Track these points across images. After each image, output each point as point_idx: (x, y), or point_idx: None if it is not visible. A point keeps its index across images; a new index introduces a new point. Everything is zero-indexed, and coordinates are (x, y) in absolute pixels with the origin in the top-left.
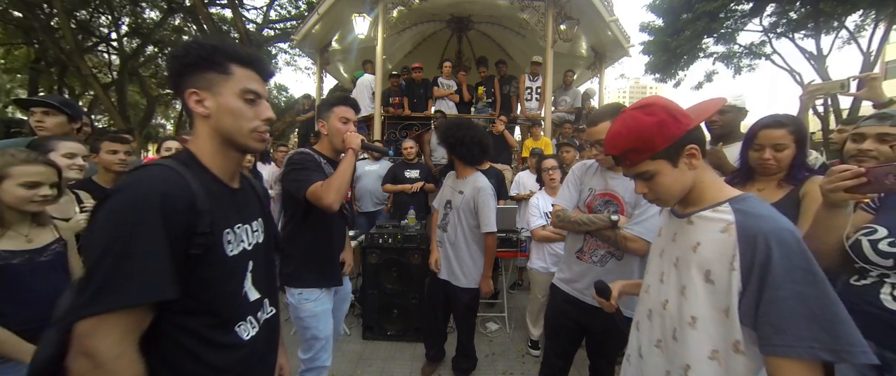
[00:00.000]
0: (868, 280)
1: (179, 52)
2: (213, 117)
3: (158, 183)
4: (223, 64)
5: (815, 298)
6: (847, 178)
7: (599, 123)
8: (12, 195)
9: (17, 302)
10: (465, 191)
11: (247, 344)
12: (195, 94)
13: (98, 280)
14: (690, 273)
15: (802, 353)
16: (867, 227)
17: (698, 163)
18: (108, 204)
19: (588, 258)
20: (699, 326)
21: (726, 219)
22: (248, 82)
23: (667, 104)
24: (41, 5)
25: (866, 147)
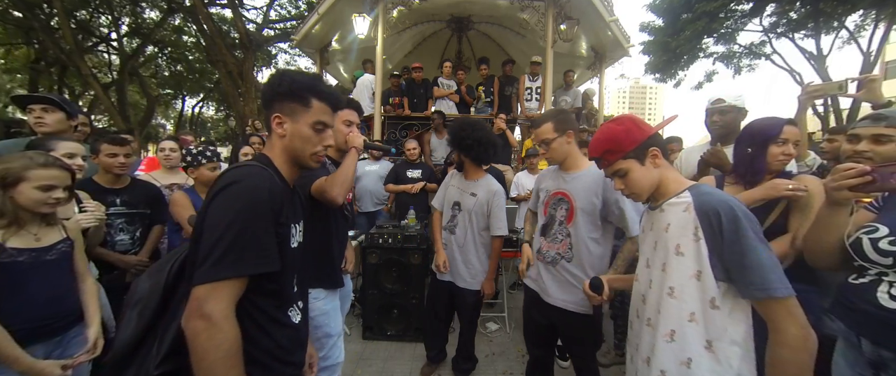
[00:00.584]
0: (866, 278)
1: (276, 81)
2: (287, 138)
3: (265, 179)
4: (306, 98)
5: (750, 253)
6: (852, 177)
7: (543, 125)
8: (28, 197)
9: (20, 299)
10: (478, 194)
11: (296, 326)
12: (279, 118)
13: (218, 253)
14: (666, 250)
15: (747, 295)
16: (869, 226)
17: (661, 162)
18: (227, 191)
19: (542, 258)
20: (676, 294)
21: (686, 201)
22: (321, 115)
23: (633, 117)
24: (41, 5)
25: (862, 148)
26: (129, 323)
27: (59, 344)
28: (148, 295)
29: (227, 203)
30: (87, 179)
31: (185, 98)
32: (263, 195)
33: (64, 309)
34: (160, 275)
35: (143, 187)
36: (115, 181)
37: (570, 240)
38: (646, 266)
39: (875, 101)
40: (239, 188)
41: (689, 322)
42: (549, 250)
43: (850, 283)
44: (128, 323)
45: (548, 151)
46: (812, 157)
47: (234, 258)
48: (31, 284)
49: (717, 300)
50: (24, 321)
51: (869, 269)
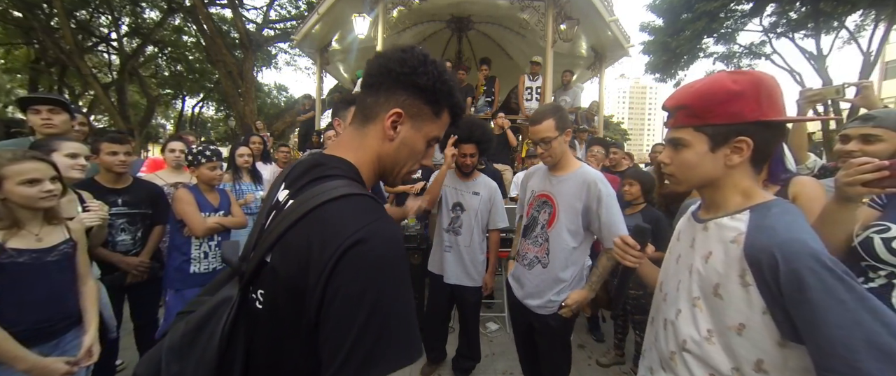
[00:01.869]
0: (876, 282)
1: (417, 65)
2: (396, 143)
3: (394, 228)
4: (442, 105)
5: (829, 321)
6: (867, 172)
7: (544, 122)
8: (18, 194)
9: (22, 300)
10: (481, 193)
11: None
12: (399, 115)
13: (391, 338)
14: (702, 284)
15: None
16: (879, 224)
17: (739, 161)
18: (362, 257)
19: (521, 259)
20: (715, 342)
21: (739, 228)
22: (440, 130)
23: (765, 83)
24: (41, 5)
25: (851, 148)
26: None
27: (55, 347)
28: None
29: (366, 274)
30: (88, 179)
31: (185, 98)
32: (402, 255)
33: (64, 311)
34: (192, 355)
35: (144, 187)
36: (116, 181)
37: (548, 245)
38: (676, 289)
39: (871, 107)
40: (377, 251)
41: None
42: (527, 252)
43: None
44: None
45: (548, 150)
46: (812, 159)
47: (399, 350)
48: (32, 285)
49: (765, 364)
50: (23, 322)
51: (880, 270)
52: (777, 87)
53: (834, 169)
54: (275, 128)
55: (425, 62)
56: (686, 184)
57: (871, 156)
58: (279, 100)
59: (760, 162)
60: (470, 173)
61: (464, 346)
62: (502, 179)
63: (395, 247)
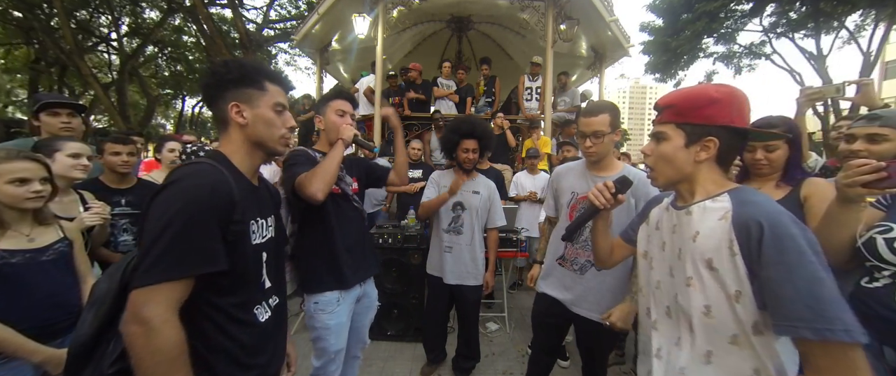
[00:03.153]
0: (880, 282)
1: (223, 70)
2: (249, 126)
3: (207, 176)
4: (260, 81)
5: (799, 277)
6: (866, 173)
7: (600, 115)
8: (4, 194)
9: (18, 301)
10: (481, 192)
11: (263, 325)
12: (237, 106)
13: (155, 255)
14: (694, 262)
15: (788, 331)
16: (882, 225)
17: (706, 158)
18: (166, 192)
19: (570, 265)
20: (714, 314)
21: (725, 207)
22: (278, 97)
23: (739, 98)
24: (41, 5)
25: (857, 147)
26: (85, 322)
27: (60, 345)
28: (104, 295)
29: (165, 203)
30: (93, 179)
31: (185, 98)
32: (204, 193)
33: (66, 310)
34: (115, 275)
35: (148, 188)
36: (120, 181)
37: None
38: (669, 275)
39: (871, 106)
40: (178, 187)
41: (730, 345)
42: (578, 257)
43: (864, 287)
44: (83, 322)
45: (596, 144)
46: (813, 158)
47: (172, 260)
48: (30, 286)
49: (761, 325)
50: (25, 322)
51: (883, 270)
52: (747, 101)
53: (835, 168)
54: None
55: (226, 65)
56: (662, 176)
57: (877, 155)
58: None
59: (723, 162)
60: (470, 171)
61: (463, 346)
62: (502, 179)
63: (198, 189)
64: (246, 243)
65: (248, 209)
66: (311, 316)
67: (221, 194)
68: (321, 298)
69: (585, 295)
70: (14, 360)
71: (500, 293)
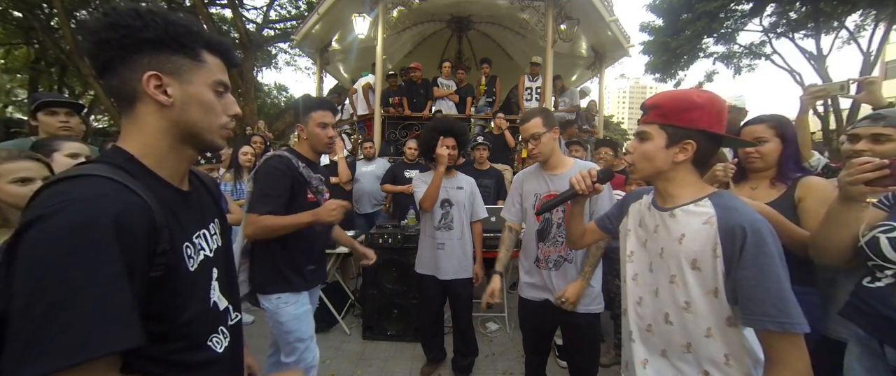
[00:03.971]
0: (882, 282)
1: (135, 22)
2: (176, 108)
3: (108, 201)
4: (195, 49)
5: (770, 279)
6: (868, 171)
7: (532, 119)
8: (7, 193)
9: None
10: (464, 187)
11: (220, 355)
12: (158, 77)
13: (41, 336)
14: (678, 262)
15: (757, 324)
16: (885, 224)
17: (683, 159)
18: (31, 237)
19: (545, 265)
20: (693, 309)
21: (708, 212)
22: (220, 73)
23: (718, 105)
24: (41, 5)
25: (861, 147)
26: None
27: None
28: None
29: (36, 254)
30: None
31: None
32: (106, 231)
33: None
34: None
35: None
36: None
37: None
38: (648, 270)
39: (875, 104)
40: (55, 228)
41: (705, 337)
42: (550, 255)
43: (866, 287)
44: None
45: (537, 146)
46: (816, 158)
47: (67, 342)
48: None
49: (732, 318)
50: None
51: (886, 270)
52: (725, 109)
53: (837, 169)
54: (275, 128)
55: (144, 16)
56: (640, 172)
57: (881, 155)
58: (279, 101)
59: (700, 164)
60: (450, 169)
61: (460, 342)
62: (502, 179)
63: (89, 227)
64: (177, 275)
65: (178, 229)
66: (276, 312)
67: (133, 225)
68: (283, 293)
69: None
70: None
71: (500, 293)
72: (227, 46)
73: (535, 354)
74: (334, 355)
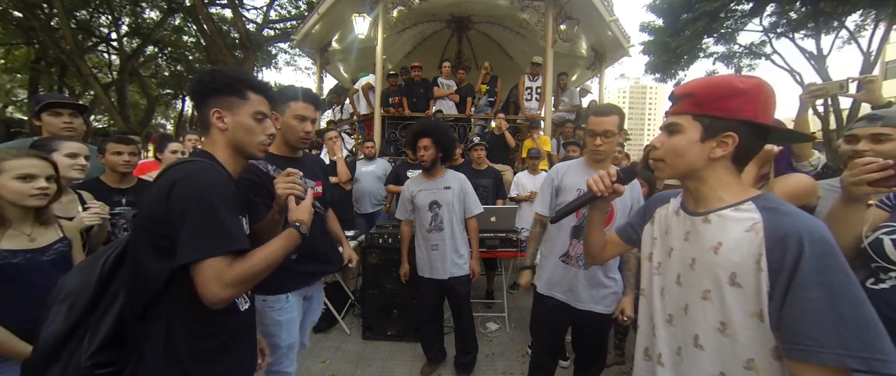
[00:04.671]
0: (887, 284)
1: (208, 78)
2: (229, 131)
3: (218, 171)
4: (242, 91)
5: (845, 301)
6: (872, 171)
7: (610, 115)
8: (9, 189)
9: (18, 301)
10: (452, 186)
11: (243, 314)
12: (218, 112)
13: (210, 232)
14: (714, 275)
15: (828, 359)
16: (888, 225)
17: (723, 155)
18: (186, 183)
19: (574, 262)
20: (730, 333)
21: (752, 217)
22: (259, 105)
23: (766, 90)
24: (41, 5)
25: (861, 148)
26: (57, 317)
27: None
28: (78, 291)
29: (191, 190)
30: (93, 179)
31: (185, 98)
32: (223, 184)
33: None
34: (92, 271)
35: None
36: (121, 181)
37: None
38: (676, 283)
39: (874, 103)
40: (197, 178)
41: (745, 369)
42: (582, 254)
43: (869, 289)
44: (55, 317)
45: (607, 143)
46: (816, 156)
47: (223, 237)
48: (30, 285)
49: (780, 350)
50: (25, 321)
51: (889, 271)
52: (774, 97)
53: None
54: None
55: (212, 73)
56: (671, 169)
57: (882, 155)
58: None
59: (741, 161)
60: (432, 169)
61: (460, 340)
62: (502, 179)
63: (219, 176)
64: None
65: (236, 205)
66: (260, 313)
67: (229, 187)
68: (270, 296)
69: (588, 291)
70: (7, 361)
71: (500, 293)
72: (266, 87)
73: (548, 357)
74: (334, 355)
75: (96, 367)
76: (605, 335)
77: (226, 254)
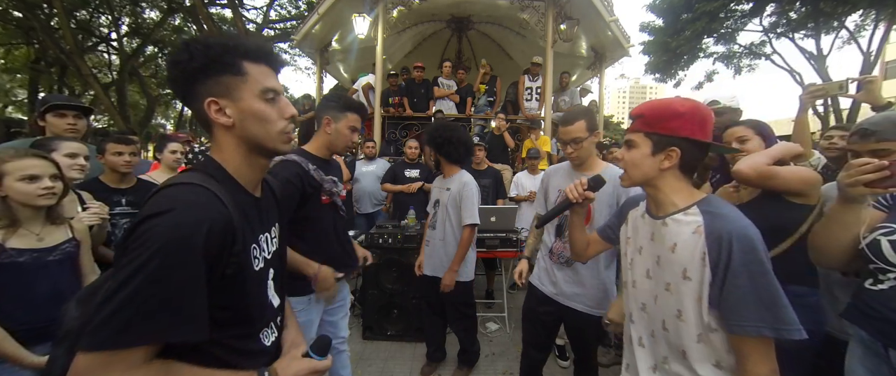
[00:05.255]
0: (885, 284)
1: (182, 56)
2: (237, 126)
3: (204, 210)
4: (235, 63)
5: (762, 286)
6: (869, 172)
7: (575, 123)
8: (16, 191)
9: (22, 300)
10: (451, 188)
11: (269, 349)
12: (216, 103)
13: (111, 311)
14: (672, 271)
15: (751, 331)
16: (886, 226)
17: (669, 166)
18: (147, 227)
19: (557, 259)
20: (685, 318)
21: (696, 221)
22: (264, 80)
23: (702, 114)
24: (41, 5)
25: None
26: (56, 362)
27: None
28: (76, 329)
29: (140, 242)
30: (93, 179)
31: None
32: (194, 237)
33: None
34: (88, 305)
35: (148, 188)
36: (120, 181)
37: None
38: (646, 276)
39: (874, 103)
40: (163, 226)
41: (696, 343)
42: (563, 251)
43: (869, 289)
44: (53, 361)
45: (577, 150)
46: (816, 157)
47: (128, 321)
48: (34, 285)
49: (713, 324)
50: (27, 322)
51: (888, 272)
52: (710, 116)
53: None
54: None
55: (188, 49)
56: (629, 179)
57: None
58: None
59: (687, 170)
60: (442, 169)
61: (460, 340)
62: (501, 179)
63: (186, 231)
64: (247, 273)
65: (250, 232)
66: None
67: (219, 233)
68: (292, 299)
69: (572, 288)
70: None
71: (500, 293)
72: (265, 50)
73: (535, 349)
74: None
75: None
76: (589, 335)
77: (132, 348)
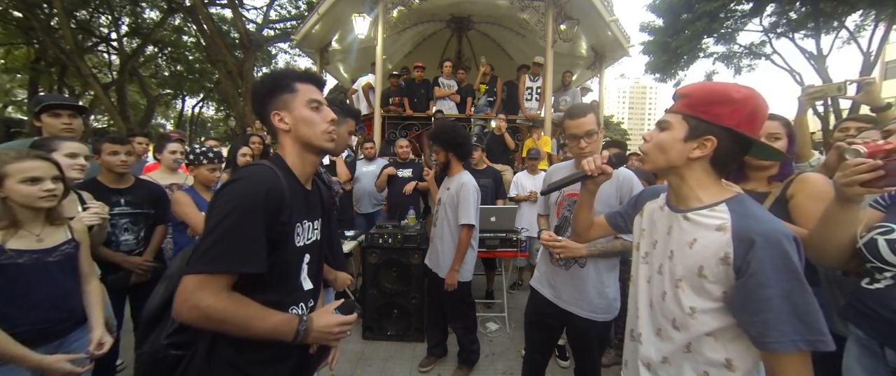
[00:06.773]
0: (882, 284)
1: (258, 86)
2: (292, 130)
3: (264, 179)
4: (289, 84)
5: (797, 295)
6: (863, 172)
7: (587, 115)
8: (18, 193)
9: (22, 301)
10: (451, 188)
11: None
12: (278, 114)
13: (206, 247)
14: (687, 267)
15: (788, 347)
16: (883, 226)
17: (701, 156)
18: (226, 189)
19: (555, 261)
20: (697, 317)
21: (722, 218)
22: (310, 93)
23: (755, 104)
24: (41, 5)
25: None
26: (156, 294)
27: (59, 347)
28: (177, 272)
29: (223, 200)
30: (91, 179)
31: (185, 98)
32: (258, 195)
33: (66, 311)
34: (187, 256)
35: (147, 187)
36: (119, 181)
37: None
38: (658, 272)
39: (873, 104)
40: (236, 187)
41: (707, 336)
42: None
43: (865, 288)
44: (155, 294)
45: (591, 143)
46: (816, 157)
47: (217, 254)
48: (33, 286)
49: (724, 324)
50: (26, 322)
51: (885, 271)
52: (763, 110)
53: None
54: None
55: (260, 81)
56: (652, 163)
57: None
58: None
59: (719, 165)
60: (447, 169)
61: (458, 339)
62: (501, 179)
63: (253, 190)
64: (289, 244)
65: (297, 212)
66: None
67: (274, 197)
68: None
69: (570, 291)
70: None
71: (499, 293)
72: (311, 75)
73: (538, 353)
74: None
75: (171, 347)
76: (590, 340)
77: (220, 274)
